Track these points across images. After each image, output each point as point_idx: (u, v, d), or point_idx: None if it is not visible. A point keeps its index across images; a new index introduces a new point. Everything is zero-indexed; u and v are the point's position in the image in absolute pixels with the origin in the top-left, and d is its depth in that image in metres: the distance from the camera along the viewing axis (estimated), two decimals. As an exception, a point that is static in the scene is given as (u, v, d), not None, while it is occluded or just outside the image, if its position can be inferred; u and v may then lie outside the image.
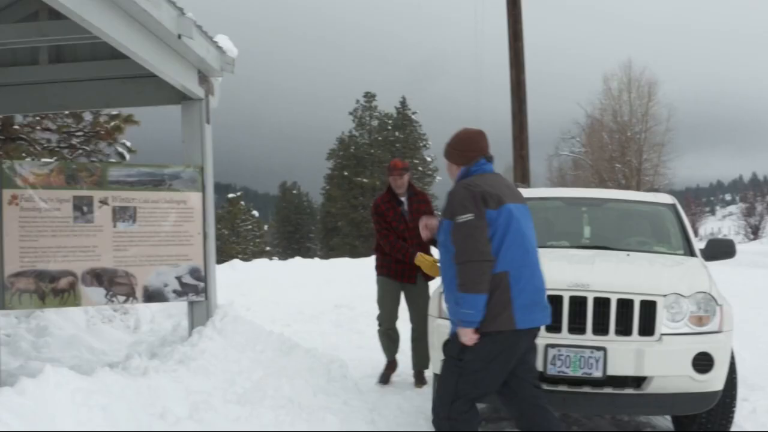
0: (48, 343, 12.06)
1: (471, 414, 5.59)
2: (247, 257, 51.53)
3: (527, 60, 20.32)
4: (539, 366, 6.43)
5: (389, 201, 9.80)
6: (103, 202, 9.29)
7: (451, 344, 5.69)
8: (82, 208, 9.19)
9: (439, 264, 7.76)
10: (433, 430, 5.74)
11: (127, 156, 19.69)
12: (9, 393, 5.08)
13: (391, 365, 9.97)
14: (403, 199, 9.80)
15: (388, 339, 9.90)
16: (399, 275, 9.67)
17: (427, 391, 8.99)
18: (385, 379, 9.80)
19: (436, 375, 6.93)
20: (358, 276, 21.21)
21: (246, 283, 19.73)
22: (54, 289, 9.00)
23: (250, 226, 79.52)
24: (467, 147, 5.92)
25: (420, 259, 9.25)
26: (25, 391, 5.15)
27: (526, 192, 9.41)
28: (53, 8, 7.29)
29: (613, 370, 6.52)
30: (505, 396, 5.84)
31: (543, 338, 6.41)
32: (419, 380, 9.68)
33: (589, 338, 6.60)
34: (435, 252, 8.15)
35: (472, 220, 5.43)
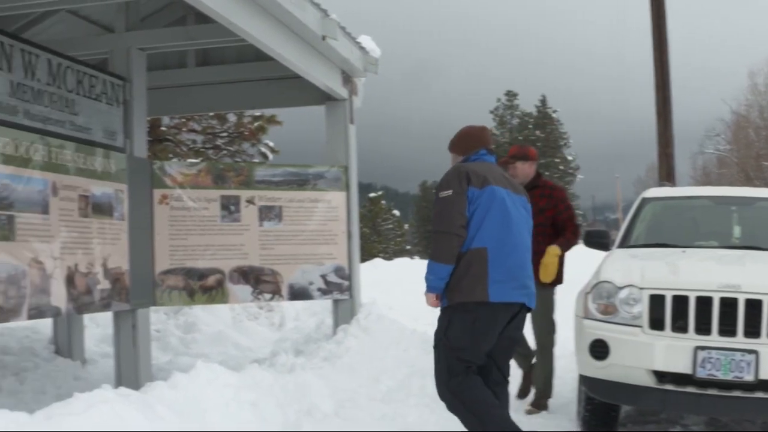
0: (196, 339, 12.36)
1: (469, 381, 5.70)
2: (388, 256, 51.75)
3: (671, 55, 19.86)
4: (688, 369, 6.28)
5: None
6: (250, 201, 9.48)
7: (439, 325, 5.84)
8: (230, 207, 9.39)
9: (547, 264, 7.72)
10: None
11: (270, 156, 19.99)
12: (163, 387, 5.23)
13: (529, 377, 8.62)
14: None
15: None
16: None
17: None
18: (522, 393, 8.47)
19: (581, 376, 6.85)
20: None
21: (387, 282, 19.77)
22: (202, 286, 9.22)
23: (390, 225, 79.92)
24: (467, 140, 6.17)
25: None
26: (177, 385, 5.28)
27: (673, 191, 9.18)
28: (201, 12, 7.47)
29: (766, 374, 6.31)
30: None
31: (693, 340, 6.25)
32: (536, 404, 8.17)
33: (740, 341, 6.39)
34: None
35: (450, 195, 5.65)
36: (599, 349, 6.49)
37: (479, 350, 5.71)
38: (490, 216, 5.65)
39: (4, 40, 6.97)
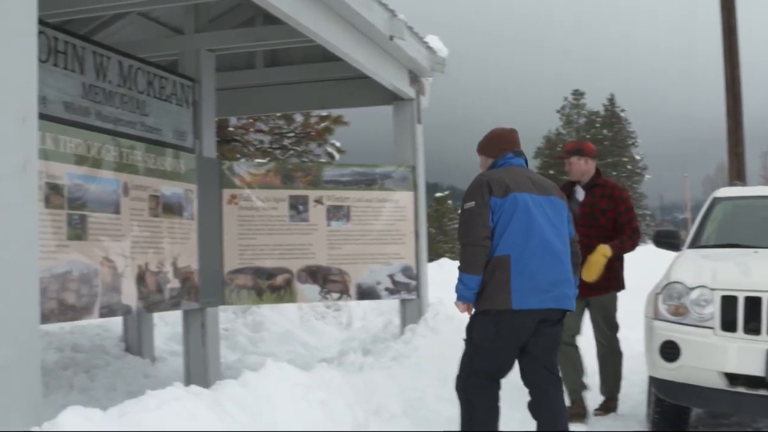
0: (264, 338, 12.43)
1: (485, 390, 5.85)
2: (454, 256, 51.68)
3: (741, 52, 19.54)
4: (761, 371, 6.17)
5: (563, 188, 7.88)
6: (318, 201, 9.52)
7: (467, 326, 5.98)
8: (298, 207, 9.44)
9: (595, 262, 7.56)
10: None
11: (337, 156, 20.04)
12: (233, 385, 5.25)
13: (578, 405, 7.68)
14: (577, 188, 8.06)
15: (567, 358, 7.56)
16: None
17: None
18: (578, 418, 7.49)
19: (651, 378, 6.76)
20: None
21: (454, 282, 19.74)
22: (271, 285, 9.27)
23: (457, 225, 79.77)
24: (495, 142, 6.23)
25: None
26: (248, 383, 5.30)
27: (744, 190, 9.02)
28: (269, 14, 7.50)
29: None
30: (522, 375, 6.03)
31: (765, 342, 6.14)
32: (604, 407, 7.90)
33: None
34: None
35: (473, 207, 5.76)
36: (670, 351, 6.40)
37: (502, 354, 5.82)
38: (513, 223, 5.74)
39: (77, 43, 7.06)
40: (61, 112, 6.78)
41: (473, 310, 5.88)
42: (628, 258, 8.11)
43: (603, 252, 7.57)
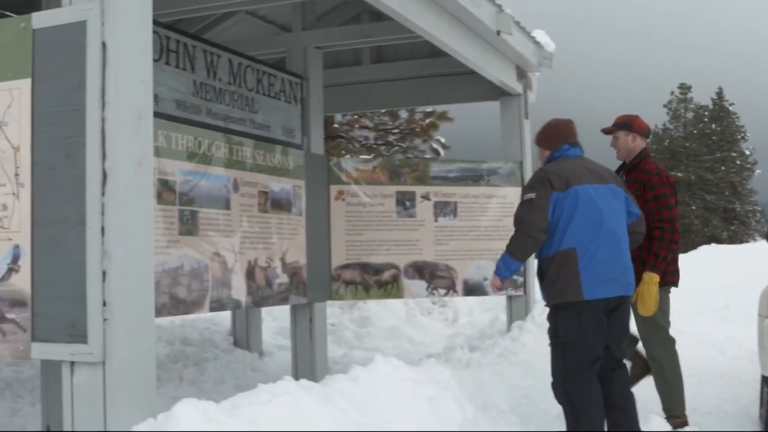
0: (370, 333, 12.49)
1: (585, 386, 5.82)
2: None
3: None
4: None
5: (617, 171, 7.04)
6: (425, 197, 9.52)
7: (550, 325, 5.99)
8: (405, 203, 9.45)
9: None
10: None
11: (442, 152, 20.01)
12: (343, 380, 5.27)
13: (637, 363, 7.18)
14: (622, 171, 7.07)
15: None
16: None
17: None
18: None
19: (764, 377, 6.61)
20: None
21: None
22: (378, 281, 9.31)
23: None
24: (552, 134, 6.27)
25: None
26: (357, 378, 5.32)
27: None
28: (375, 10, 7.52)
29: None
30: None
31: None
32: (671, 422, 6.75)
33: None
34: None
35: (533, 198, 5.82)
36: (784, 349, 6.25)
37: (591, 344, 5.81)
38: (577, 216, 5.78)
39: (188, 41, 7.17)
40: (172, 109, 6.90)
41: (508, 287, 5.96)
42: (739, 255, 7.92)
43: (651, 281, 6.56)
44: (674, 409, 6.80)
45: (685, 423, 6.72)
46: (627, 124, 6.99)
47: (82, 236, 4.11)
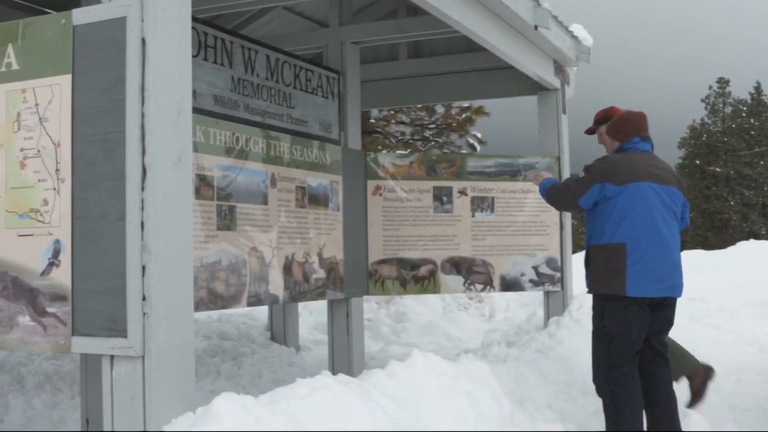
0: (406, 329, 12.51)
1: (628, 379, 5.89)
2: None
3: None
4: None
5: None
6: (462, 192, 9.52)
7: (595, 315, 6.05)
8: (442, 198, 9.45)
9: None
10: None
11: (478, 147, 20.01)
12: (380, 375, 5.27)
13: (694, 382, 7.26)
14: None
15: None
16: None
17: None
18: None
19: None
20: (712, 268, 20.40)
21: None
22: (415, 276, 9.32)
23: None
24: (623, 125, 6.30)
25: None
26: (394, 373, 5.31)
27: None
28: (412, 5, 7.51)
29: None
30: None
31: None
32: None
33: None
34: None
35: (580, 179, 6.16)
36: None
37: (636, 338, 5.88)
38: (633, 213, 5.85)
39: (225, 37, 7.20)
40: (210, 105, 6.93)
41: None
42: None
43: None
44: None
45: None
46: (606, 117, 6.89)
47: (122, 231, 4.13)
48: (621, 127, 6.30)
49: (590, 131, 7.09)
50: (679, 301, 6.18)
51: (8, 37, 4.57)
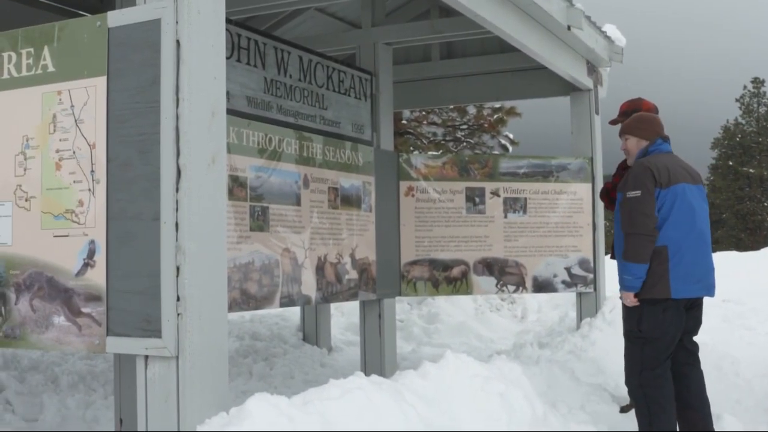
0: (438, 330, 12.50)
1: (662, 379, 5.87)
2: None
3: None
4: None
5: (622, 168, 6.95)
6: (495, 193, 9.50)
7: (629, 319, 6.00)
8: (474, 198, 9.44)
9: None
10: None
11: (510, 148, 19.99)
12: (413, 376, 5.28)
13: None
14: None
15: None
16: None
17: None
18: None
19: None
20: (745, 270, 20.22)
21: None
22: (447, 277, 9.31)
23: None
24: (651, 125, 6.26)
25: None
26: (427, 374, 5.32)
27: None
28: (444, 6, 7.50)
29: None
30: None
31: None
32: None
33: None
34: None
35: (639, 196, 5.81)
36: None
37: (671, 340, 5.89)
38: (674, 214, 5.83)
39: (258, 39, 7.22)
40: (243, 106, 6.95)
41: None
42: None
43: None
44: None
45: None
46: (635, 110, 6.93)
47: (157, 232, 4.15)
48: (647, 127, 6.26)
49: (615, 122, 7.08)
50: (712, 302, 6.20)
51: (44, 39, 4.62)
